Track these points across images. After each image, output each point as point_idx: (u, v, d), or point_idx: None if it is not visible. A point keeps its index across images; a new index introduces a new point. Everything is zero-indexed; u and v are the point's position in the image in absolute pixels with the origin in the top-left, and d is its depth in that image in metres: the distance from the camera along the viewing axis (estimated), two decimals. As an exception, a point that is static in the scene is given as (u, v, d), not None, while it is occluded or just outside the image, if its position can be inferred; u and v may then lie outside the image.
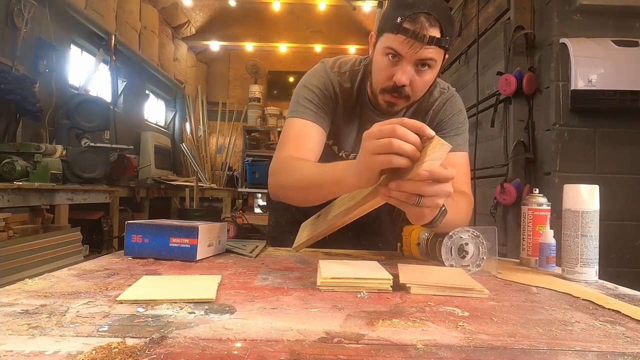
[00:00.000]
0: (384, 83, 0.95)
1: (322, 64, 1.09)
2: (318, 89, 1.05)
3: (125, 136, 4.54)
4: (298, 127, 1.03)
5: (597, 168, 1.84)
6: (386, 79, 0.94)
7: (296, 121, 1.03)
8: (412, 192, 0.66)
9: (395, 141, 0.63)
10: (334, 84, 1.06)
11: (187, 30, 6.59)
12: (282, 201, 1.02)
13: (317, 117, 1.03)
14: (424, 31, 0.86)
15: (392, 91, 0.94)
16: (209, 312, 0.56)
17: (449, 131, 1.06)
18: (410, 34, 0.87)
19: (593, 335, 0.53)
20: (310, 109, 1.03)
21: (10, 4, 3.02)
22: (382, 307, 0.62)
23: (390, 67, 0.93)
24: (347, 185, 0.78)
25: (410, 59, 0.90)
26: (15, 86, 2.74)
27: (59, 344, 0.44)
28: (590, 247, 0.86)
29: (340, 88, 1.06)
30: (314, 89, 1.05)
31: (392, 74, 0.92)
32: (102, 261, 0.88)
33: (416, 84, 0.94)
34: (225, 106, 6.85)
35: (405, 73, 0.91)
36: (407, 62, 0.90)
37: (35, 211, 2.67)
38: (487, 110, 2.44)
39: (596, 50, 1.79)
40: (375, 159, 0.65)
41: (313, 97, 1.04)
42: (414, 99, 0.98)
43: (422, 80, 0.94)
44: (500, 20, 2.37)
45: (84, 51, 4.38)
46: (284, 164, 0.97)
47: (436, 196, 0.66)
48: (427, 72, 0.93)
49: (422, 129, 0.64)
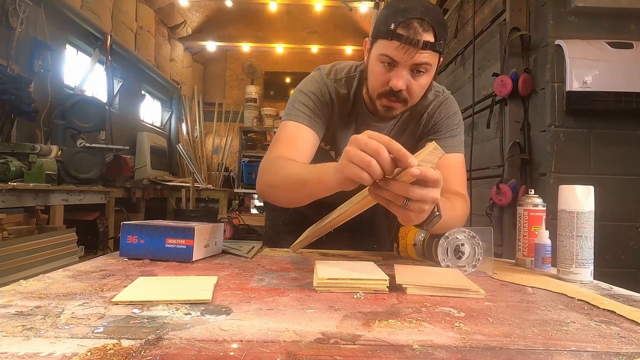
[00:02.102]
0: (381, 88, 0.96)
1: (319, 71, 1.10)
2: (314, 95, 1.05)
3: (121, 137, 4.52)
4: (291, 130, 1.03)
5: (592, 169, 1.85)
6: (382, 85, 0.95)
7: (290, 124, 1.03)
8: (399, 194, 0.65)
9: (374, 163, 0.63)
10: (330, 91, 1.06)
11: (184, 30, 6.58)
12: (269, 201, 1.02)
13: (311, 121, 1.03)
14: (418, 36, 0.87)
15: (390, 95, 0.95)
16: (205, 313, 0.56)
17: (444, 133, 1.07)
18: (404, 39, 0.87)
19: (588, 335, 0.53)
20: (305, 113, 1.03)
21: (5, 3, 3.01)
22: (378, 308, 0.62)
23: (385, 72, 0.93)
24: (328, 184, 0.77)
25: (405, 64, 0.90)
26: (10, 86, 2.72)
27: (53, 345, 0.43)
28: (585, 247, 0.87)
29: (336, 94, 1.07)
30: (309, 95, 1.05)
31: (388, 79, 0.93)
32: (98, 262, 0.88)
33: (413, 88, 0.94)
34: (221, 107, 6.83)
35: (401, 78, 0.91)
36: (403, 68, 0.91)
37: (30, 212, 2.66)
38: (483, 111, 2.45)
39: (591, 52, 1.80)
40: (350, 167, 0.65)
41: (308, 102, 1.04)
42: (411, 103, 0.99)
43: (419, 84, 0.94)
44: (496, 22, 2.38)
45: (79, 51, 4.37)
46: (272, 163, 0.97)
47: (422, 201, 0.65)
48: (423, 77, 0.94)
49: (404, 157, 0.63)
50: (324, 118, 1.06)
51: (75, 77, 4.18)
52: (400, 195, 0.65)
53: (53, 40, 3.55)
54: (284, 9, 6.49)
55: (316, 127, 1.04)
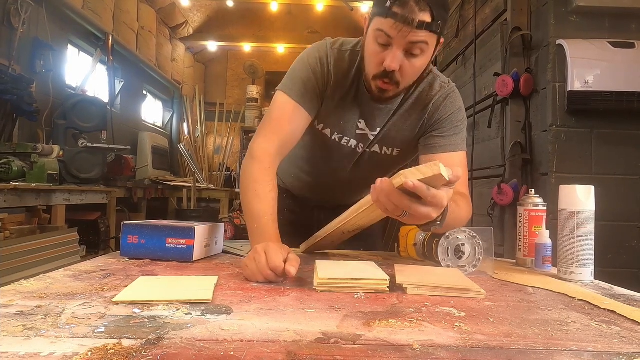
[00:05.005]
0: (375, 69, 0.95)
1: (324, 41, 1.08)
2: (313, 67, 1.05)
3: (122, 137, 4.53)
4: (285, 107, 1.04)
5: (593, 169, 1.85)
6: (377, 65, 0.94)
7: (284, 99, 1.04)
8: (398, 205, 0.71)
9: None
10: (329, 62, 1.05)
11: (185, 30, 6.59)
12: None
13: (304, 98, 1.03)
14: (413, 15, 0.85)
15: (383, 77, 0.94)
16: (205, 313, 0.56)
17: (447, 130, 1.06)
18: (399, 17, 0.86)
19: (589, 335, 0.53)
20: (299, 89, 1.04)
21: (7, 3, 3.01)
22: (378, 308, 0.62)
23: (380, 52, 0.92)
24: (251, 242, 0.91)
25: (400, 43, 0.89)
26: (12, 86, 2.72)
27: (54, 345, 0.44)
28: (586, 247, 0.86)
29: (335, 66, 1.05)
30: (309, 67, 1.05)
31: (383, 59, 0.92)
32: (98, 262, 0.88)
33: (406, 69, 0.93)
34: (222, 107, 6.84)
35: (395, 59, 0.90)
36: (397, 47, 0.90)
37: (32, 212, 2.66)
38: (485, 111, 2.45)
39: (593, 52, 1.80)
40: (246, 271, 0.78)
41: (307, 76, 1.04)
42: (403, 86, 0.98)
43: (413, 66, 0.93)
44: (497, 22, 2.38)
45: (81, 51, 4.37)
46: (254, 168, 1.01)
47: (417, 217, 0.72)
48: (418, 58, 0.92)
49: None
50: (319, 94, 1.06)
51: (76, 77, 4.19)
52: (400, 208, 0.71)
53: (55, 40, 3.56)
54: (284, 9, 6.49)
55: (309, 106, 1.04)
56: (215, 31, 6.75)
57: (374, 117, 1.07)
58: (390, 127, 1.08)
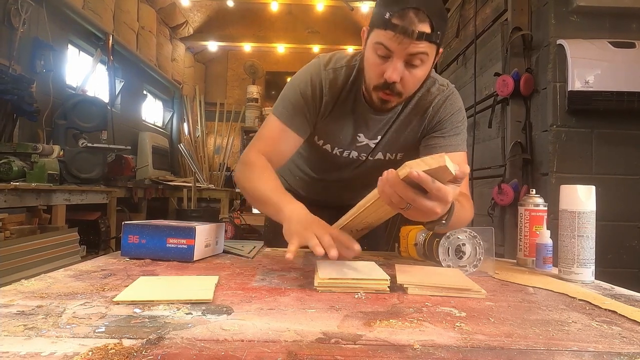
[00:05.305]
0: (376, 81, 0.95)
1: (317, 60, 1.08)
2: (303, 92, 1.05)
3: (122, 136, 4.53)
4: (274, 129, 1.07)
5: (594, 169, 1.85)
6: (377, 77, 0.94)
7: (275, 122, 1.07)
8: (403, 197, 0.70)
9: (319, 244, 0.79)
10: (323, 84, 1.05)
11: (185, 30, 6.58)
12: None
13: (294, 122, 1.06)
14: (413, 26, 0.85)
15: (384, 88, 0.94)
16: (206, 313, 0.56)
17: (448, 130, 1.06)
18: (399, 29, 0.86)
19: (589, 335, 0.53)
20: (290, 113, 1.06)
21: (7, 3, 3.01)
22: (379, 308, 0.62)
23: (381, 64, 0.92)
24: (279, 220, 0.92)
25: (400, 54, 0.89)
26: (12, 86, 2.72)
27: (55, 345, 0.44)
28: (586, 247, 0.86)
29: (330, 87, 1.05)
30: (298, 92, 1.06)
31: (383, 70, 0.92)
32: (99, 262, 0.88)
33: (407, 80, 0.93)
34: (223, 106, 6.83)
35: (395, 70, 0.90)
36: (398, 59, 0.90)
37: (32, 212, 2.66)
38: (485, 111, 2.45)
39: (593, 52, 1.80)
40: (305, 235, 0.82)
41: (296, 100, 1.06)
42: (405, 96, 0.98)
43: (414, 76, 0.93)
44: (497, 22, 2.38)
45: (81, 51, 4.37)
46: (248, 168, 1.05)
47: (421, 212, 0.71)
48: (419, 69, 0.92)
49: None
50: (310, 116, 1.07)
51: (77, 77, 4.18)
52: (404, 200, 0.70)
53: (55, 40, 3.56)
54: (285, 9, 6.48)
55: (299, 128, 1.07)
56: (216, 31, 6.75)
57: (372, 127, 1.08)
58: (391, 134, 1.09)
